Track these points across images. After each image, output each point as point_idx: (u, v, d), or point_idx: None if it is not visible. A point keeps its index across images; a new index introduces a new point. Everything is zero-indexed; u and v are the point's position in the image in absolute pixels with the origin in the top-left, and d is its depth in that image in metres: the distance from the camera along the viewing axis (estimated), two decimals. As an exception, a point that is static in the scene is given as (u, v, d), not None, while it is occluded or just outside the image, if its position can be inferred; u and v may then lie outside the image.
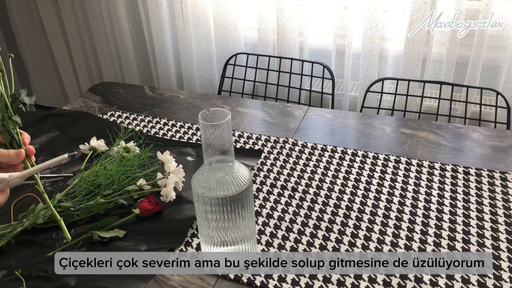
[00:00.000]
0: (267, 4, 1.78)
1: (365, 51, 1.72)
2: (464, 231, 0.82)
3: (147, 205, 0.86)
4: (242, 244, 0.74)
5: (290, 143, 1.08)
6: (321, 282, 0.73)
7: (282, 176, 0.97)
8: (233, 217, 0.70)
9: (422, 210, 0.87)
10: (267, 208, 0.89)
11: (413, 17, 1.61)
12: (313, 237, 0.82)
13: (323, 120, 1.19)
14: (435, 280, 0.73)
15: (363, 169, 0.98)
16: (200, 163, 1.02)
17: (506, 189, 0.91)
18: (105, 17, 2.05)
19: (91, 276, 0.75)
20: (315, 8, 1.80)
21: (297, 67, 1.79)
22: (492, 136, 1.09)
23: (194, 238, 0.82)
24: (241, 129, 1.16)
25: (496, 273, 0.74)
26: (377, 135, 1.11)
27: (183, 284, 0.74)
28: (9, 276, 0.77)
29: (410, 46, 1.66)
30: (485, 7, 1.53)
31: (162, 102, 1.31)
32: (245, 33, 1.91)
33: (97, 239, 0.81)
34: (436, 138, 1.08)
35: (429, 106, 1.73)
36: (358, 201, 0.90)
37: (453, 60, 1.64)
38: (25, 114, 1.24)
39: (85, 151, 1.08)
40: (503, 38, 1.62)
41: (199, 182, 0.69)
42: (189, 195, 0.92)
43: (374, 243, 0.80)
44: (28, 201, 0.93)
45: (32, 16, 2.28)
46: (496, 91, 1.37)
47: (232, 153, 0.68)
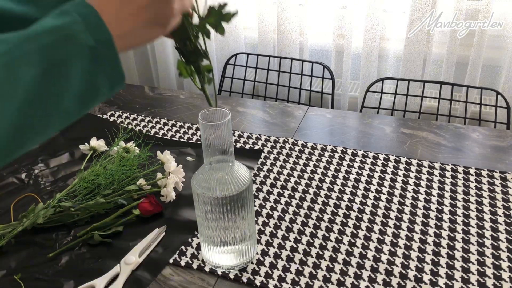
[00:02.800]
0: (267, 4, 1.78)
1: (366, 50, 1.72)
2: (464, 231, 0.82)
3: (148, 206, 0.86)
4: (242, 244, 0.74)
5: (290, 143, 1.08)
6: (321, 282, 0.73)
7: (282, 176, 0.97)
8: (233, 217, 0.70)
9: (422, 210, 0.87)
10: (267, 208, 0.89)
11: (413, 17, 1.61)
12: (313, 237, 0.82)
13: (323, 120, 1.19)
14: (435, 280, 0.73)
15: (363, 169, 0.98)
16: (200, 163, 1.02)
17: (506, 189, 0.91)
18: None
19: (90, 278, 0.75)
20: (315, 8, 1.80)
21: (297, 67, 1.79)
22: (492, 136, 1.09)
23: (194, 238, 0.82)
24: (241, 129, 1.16)
25: (496, 273, 0.74)
26: (377, 135, 1.11)
27: (183, 284, 0.74)
28: (8, 276, 0.77)
29: (410, 46, 1.66)
30: (485, 7, 1.53)
31: (162, 102, 1.31)
32: (245, 33, 1.91)
33: (98, 239, 0.81)
34: (436, 138, 1.08)
35: (429, 106, 1.74)
36: (358, 201, 0.90)
37: (453, 60, 1.64)
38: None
39: (85, 151, 1.08)
40: (503, 38, 1.62)
41: (199, 182, 0.69)
42: (189, 195, 0.92)
43: (374, 243, 0.80)
44: (28, 201, 0.93)
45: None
46: (496, 91, 1.37)
47: (232, 153, 0.68)
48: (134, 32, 0.47)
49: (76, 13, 0.43)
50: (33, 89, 0.41)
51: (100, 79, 0.45)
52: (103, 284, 0.73)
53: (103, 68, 0.45)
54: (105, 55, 0.44)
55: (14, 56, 0.40)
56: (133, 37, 0.47)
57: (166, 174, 0.92)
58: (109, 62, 0.45)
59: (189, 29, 0.55)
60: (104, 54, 0.44)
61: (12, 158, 0.43)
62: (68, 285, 0.74)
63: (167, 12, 0.48)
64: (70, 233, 0.85)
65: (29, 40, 0.41)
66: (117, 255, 0.79)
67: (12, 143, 0.42)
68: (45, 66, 0.41)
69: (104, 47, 0.44)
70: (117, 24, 0.45)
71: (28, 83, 0.41)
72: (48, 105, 0.42)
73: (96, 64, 0.44)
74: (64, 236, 0.84)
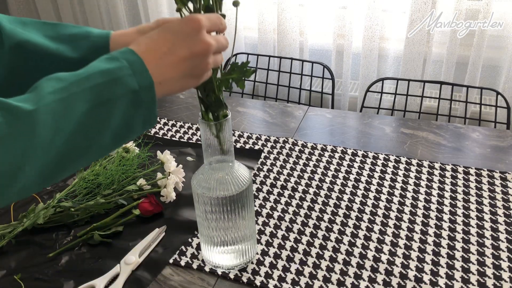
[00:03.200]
0: (267, 4, 1.78)
1: (365, 50, 1.73)
2: (464, 231, 0.82)
3: (148, 206, 0.86)
4: (242, 244, 0.74)
5: (290, 143, 1.08)
6: (321, 282, 0.73)
7: (282, 176, 0.97)
8: (233, 217, 0.70)
9: (422, 210, 0.87)
10: (267, 208, 0.89)
11: (413, 17, 1.61)
12: (313, 237, 0.82)
13: (323, 120, 1.19)
14: (435, 280, 0.73)
15: (363, 169, 0.98)
16: (200, 163, 1.02)
17: (506, 189, 0.91)
18: (104, 18, 2.05)
19: (90, 278, 0.75)
20: (315, 8, 1.80)
21: (297, 67, 1.80)
22: (492, 136, 1.09)
23: (194, 238, 0.82)
24: (241, 129, 1.16)
25: (496, 273, 0.74)
26: (377, 135, 1.11)
27: (183, 284, 0.74)
28: (8, 276, 0.77)
29: (410, 46, 1.66)
30: (485, 7, 1.53)
31: (162, 102, 1.31)
32: (245, 33, 1.92)
33: (98, 239, 0.81)
34: (436, 138, 1.08)
35: (429, 106, 1.74)
36: (358, 201, 0.90)
37: (453, 60, 1.64)
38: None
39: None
40: (503, 38, 1.62)
41: (199, 182, 0.69)
42: (189, 195, 0.92)
43: (374, 243, 0.80)
44: (28, 201, 0.93)
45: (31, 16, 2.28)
46: (496, 91, 1.37)
47: (232, 153, 0.68)
48: (172, 81, 0.52)
49: (124, 59, 0.49)
50: (81, 123, 0.46)
51: (136, 119, 0.50)
52: (103, 284, 0.73)
53: (141, 110, 0.50)
54: (145, 98, 0.50)
55: (71, 93, 0.46)
56: (170, 86, 0.52)
57: (166, 174, 0.92)
58: (147, 105, 0.50)
59: (214, 82, 0.61)
60: (144, 97, 0.50)
61: (51, 183, 0.48)
62: (68, 285, 0.74)
63: (203, 66, 0.54)
64: (70, 233, 0.85)
65: (84, 79, 0.47)
66: (117, 255, 0.79)
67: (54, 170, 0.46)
68: (95, 103, 0.46)
69: (145, 92, 0.49)
70: (158, 73, 0.50)
71: (78, 117, 0.46)
72: (90, 139, 0.48)
73: (136, 106, 0.49)
74: (64, 236, 0.84)
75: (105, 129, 0.48)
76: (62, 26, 0.65)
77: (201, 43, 0.52)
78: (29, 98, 0.44)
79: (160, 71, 0.51)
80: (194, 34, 0.52)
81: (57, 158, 0.45)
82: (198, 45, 0.52)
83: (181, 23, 0.53)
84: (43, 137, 0.44)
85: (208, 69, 0.55)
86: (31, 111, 0.43)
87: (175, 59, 0.52)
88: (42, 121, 0.43)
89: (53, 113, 0.44)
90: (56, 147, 0.45)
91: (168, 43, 0.52)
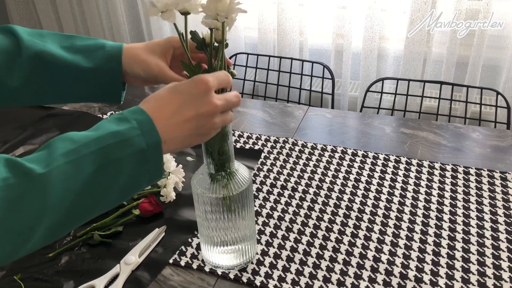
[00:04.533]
0: (267, 4, 1.78)
1: (365, 50, 1.73)
2: (464, 231, 0.82)
3: (148, 206, 0.86)
4: (242, 244, 0.74)
5: (290, 143, 1.08)
6: (321, 282, 0.73)
7: (282, 176, 0.97)
8: (233, 217, 0.70)
9: (422, 210, 0.87)
10: (267, 208, 0.89)
11: (413, 17, 1.61)
12: (313, 237, 0.82)
13: (323, 120, 1.19)
14: (435, 280, 0.73)
15: (363, 169, 0.98)
16: (200, 163, 1.02)
17: (506, 189, 0.91)
18: (103, 18, 2.05)
19: (90, 278, 0.75)
20: (315, 8, 1.80)
21: (297, 67, 1.80)
22: (492, 136, 1.09)
23: (194, 238, 0.82)
24: (241, 129, 1.16)
25: (496, 273, 0.74)
26: (377, 135, 1.11)
27: (183, 284, 0.74)
28: (8, 276, 0.77)
29: (410, 46, 1.66)
30: (485, 7, 1.53)
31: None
32: (245, 33, 1.92)
33: (98, 239, 0.81)
34: (436, 138, 1.08)
35: (429, 106, 1.74)
36: (358, 201, 0.90)
37: (453, 60, 1.64)
38: (25, 114, 1.24)
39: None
40: (503, 38, 1.62)
41: (199, 182, 0.69)
42: (189, 195, 0.92)
43: (374, 243, 0.80)
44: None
45: (31, 16, 2.28)
46: (496, 91, 1.37)
47: (232, 153, 0.68)
48: (178, 139, 0.55)
49: (134, 120, 0.51)
50: (88, 184, 0.48)
51: (143, 176, 0.52)
52: (103, 284, 0.73)
53: (148, 167, 0.52)
54: (152, 156, 0.52)
55: (81, 155, 0.48)
56: (176, 144, 0.55)
57: (166, 174, 0.92)
58: (154, 162, 0.52)
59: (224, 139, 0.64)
60: (151, 155, 0.52)
61: (56, 239, 0.50)
62: (68, 285, 0.74)
63: (209, 126, 0.56)
64: (70, 233, 0.85)
65: (94, 140, 0.49)
66: (117, 255, 0.79)
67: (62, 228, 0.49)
68: (103, 164, 0.48)
69: (153, 150, 0.52)
70: (165, 131, 0.53)
71: (86, 178, 0.48)
72: (96, 197, 0.50)
73: (143, 163, 0.51)
74: (64, 236, 0.84)
75: (112, 187, 0.50)
76: (78, 38, 0.67)
77: (207, 105, 0.55)
78: (41, 158, 0.47)
79: (167, 130, 0.53)
80: (202, 95, 0.55)
81: (64, 217, 0.48)
82: (205, 106, 0.55)
83: (190, 84, 0.55)
84: (53, 198, 0.46)
85: (215, 128, 0.57)
86: (43, 174, 0.45)
87: (181, 119, 0.54)
88: (53, 183, 0.46)
89: (64, 175, 0.46)
90: (65, 207, 0.47)
91: (176, 104, 0.54)
